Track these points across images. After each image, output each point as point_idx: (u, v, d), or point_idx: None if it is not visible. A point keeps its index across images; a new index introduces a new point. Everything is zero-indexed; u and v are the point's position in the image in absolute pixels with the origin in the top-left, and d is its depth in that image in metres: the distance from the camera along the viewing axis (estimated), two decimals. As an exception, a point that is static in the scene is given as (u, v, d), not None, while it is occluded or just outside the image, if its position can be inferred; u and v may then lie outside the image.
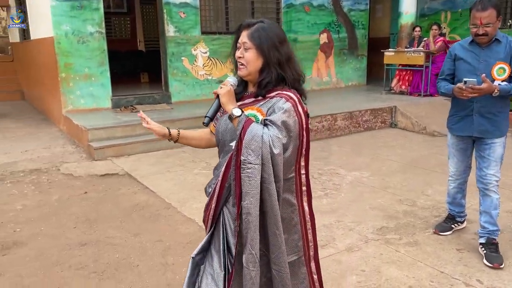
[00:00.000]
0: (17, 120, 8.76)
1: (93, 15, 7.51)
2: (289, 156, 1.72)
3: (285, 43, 1.79)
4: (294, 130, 1.71)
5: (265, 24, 1.78)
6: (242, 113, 1.71)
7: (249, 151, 1.65)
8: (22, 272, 3.19)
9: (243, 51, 1.77)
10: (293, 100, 1.74)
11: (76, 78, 7.52)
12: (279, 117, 1.68)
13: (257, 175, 1.65)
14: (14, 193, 4.78)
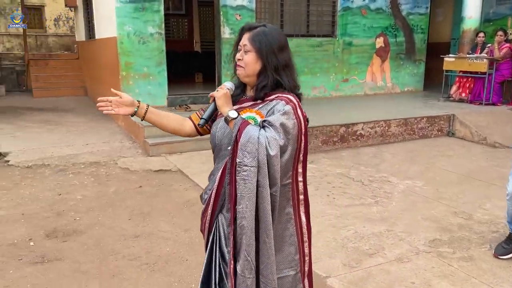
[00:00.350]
0: (80, 115, 9.28)
1: (154, 17, 7.82)
2: (287, 160, 1.68)
3: (285, 49, 1.78)
4: (292, 133, 1.67)
5: (267, 29, 1.77)
6: (238, 115, 1.69)
7: (245, 153, 1.62)
8: (81, 258, 3.39)
9: (243, 53, 1.77)
10: (293, 103, 1.72)
11: (135, 77, 7.86)
12: (277, 119, 1.66)
13: (253, 177, 1.61)
14: (75, 184, 5.08)
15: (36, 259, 3.36)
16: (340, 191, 4.88)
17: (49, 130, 7.71)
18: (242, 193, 1.63)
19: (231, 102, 1.79)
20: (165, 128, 1.98)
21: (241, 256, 1.65)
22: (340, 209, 4.36)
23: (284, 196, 1.74)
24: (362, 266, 3.26)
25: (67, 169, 5.61)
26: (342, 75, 10.06)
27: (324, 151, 6.58)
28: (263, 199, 1.63)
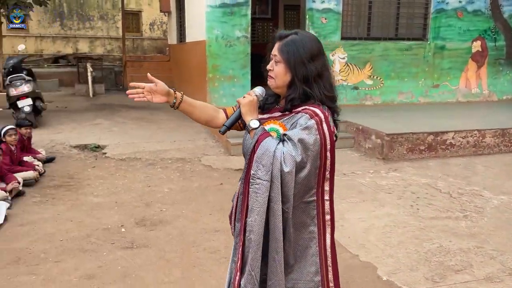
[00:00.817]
0: (169, 113, 9.83)
1: (241, 21, 8.05)
2: (306, 177, 1.59)
3: (317, 58, 1.67)
4: (312, 149, 1.58)
5: (298, 37, 1.68)
6: (260, 126, 1.66)
7: (260, 165, 1.59)
8: (165, 247, 3.60)
9: (273, 63, 1.71)
10: (318, 117, 1.62)
11: (221, 79, 8.15)
12: (296, 134, 1.59)
13: (265, 192, 1.57)
14: (163, 178, 5.41)
15: (127, 244, 3.64)
16: (425, 202, 4.64)
17: (142, 127, 8.29)
18: (252, 206, 1.60)
19: (256, 110, 1.74)
20: (197, 119, 1.95)
21: (246, 270, 1.63)
22: (424, 221, 4.14)
23: (307, 214, 1.67)
24: (447, 282, 3.08)
25: (156, 163, 5.99)
26: (432, 80, 9.54)
27: (409, 160, 6.29)
28: (274, 215, 1.59)
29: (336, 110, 1.74)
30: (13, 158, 5.02)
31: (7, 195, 4.39)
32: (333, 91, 1.73)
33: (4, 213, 4.01)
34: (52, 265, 3.26)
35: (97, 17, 16.45)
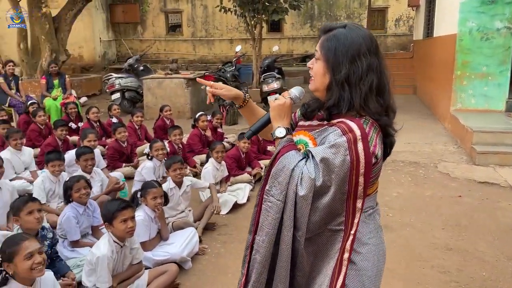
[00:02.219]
0: (406, 113, 9.36)
1: (504, 9, 6.89)
2: (330, 203, 1.35)
3: (362, 57, 1.37)
4: (338, 172, 1.32)
5: (344, 31, 1.40)
6: (286, 136, 1.43)
7: (275, 182, 1.39)
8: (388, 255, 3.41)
9: (314, 60, 1.45)
10: (353, 134, 1.33)
11: (471, 77, 7.21)
12: (320, 152, 1.34)
13: (276, 212, 1.38)
14: (392, 180, 5.16)
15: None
16: None
17: (375, 125, 8.16)
18: (262, 224, 1.43)
19: (288, 116, 1.49)
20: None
21: None
22: None
23: (332, 245, 1.42)
24: None
25: (386, 164, 5.73)
26: None
27: None
28: (282, 240, 1.40)
29: (388, 124, 1.43)
30: (259, 148, 5.69)
31: (251, 178, 5.00)
32: (383, 101, 1.41)
33: (247, 194, 4.58)
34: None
35: (344, 16, 17.00)
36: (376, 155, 1.39)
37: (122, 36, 16.16)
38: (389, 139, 1.48)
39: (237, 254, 3.41)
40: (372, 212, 1.50)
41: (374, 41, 1.44)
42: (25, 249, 2.09)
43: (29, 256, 2.09)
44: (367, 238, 1.46)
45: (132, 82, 9.44)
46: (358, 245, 1.44)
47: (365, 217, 1.46)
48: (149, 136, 6.49)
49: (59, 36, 10.97)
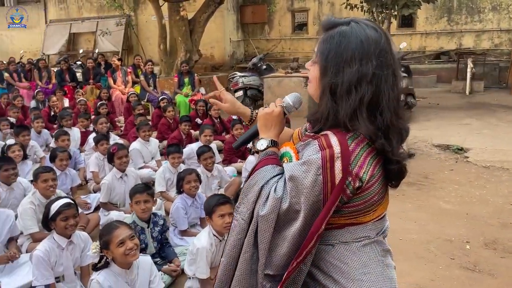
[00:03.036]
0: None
1: None
2: (300, 232, 1.12)
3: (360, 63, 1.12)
4: (308, 194, 1.10)
5: (348, 29, 1.17)
6: (267, 148, 1.27)
7: (245, 199, 1.22)
8: (516, 283, 2.93)
9: (311, 62, 1.25)
10: (331, 150, 1.10)
11: None
12: (290, 169, 1.14)
13: (239, 233, 1.20)
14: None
15: (468, 265, 3.20)
16: None
17: (518, 132, 7.12)
18: (226, 246, 1.25)
19: (277, 126, 1.31)
20: None
21: None
22: None
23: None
24: None
25: None
26: None
27: None
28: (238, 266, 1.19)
29: (386, 150, 1.13)
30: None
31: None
32: (381, 120, 1.14)
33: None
34: (386, 262, 3.28)
35: (489, 8, 15.20)
36: (361, 178, 1.13)
37: (250, 36, 16.83)
38: (393, 167, 1.19)
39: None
40: (368, 242, 1.23)
41: (381, 45, 1.18)
42: (117, 237, 2.27)
43: (121, 243, 2.27)
44: (359, 273, 1.20)
45: (254, 81, 9.77)
46: (347, 280, 1.19)
47: (357, 248, 1.21)
48: (246, 130, 6.64)
49: (193, 37, 11.86)
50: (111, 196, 3.94)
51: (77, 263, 2.74)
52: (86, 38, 16.32)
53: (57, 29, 16.19)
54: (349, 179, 1.13)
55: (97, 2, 15.89)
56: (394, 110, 1.18)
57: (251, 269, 1.20)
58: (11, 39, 18.13)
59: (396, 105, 1.19)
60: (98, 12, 16.22)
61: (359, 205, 1.19)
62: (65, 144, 4.91)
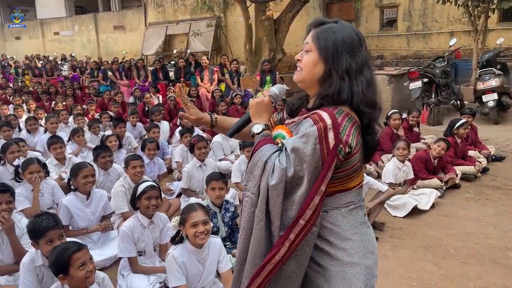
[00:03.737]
0: None
1: None
2: (305, 195, 1.33)
3: (358, 51, 1.40)
4: (309, 161, 1.31)
5: (338, 26, 1.42)
6: (262, 131, 1.46)
7: (251, 176, 1.40)
8: None
9: (303, 53, 1.45)
10: (324, 123, 1.32)
11: None
12: (291, 142, 1.34)
13: (251, 206, 1.39)
14: None
15: None
16: None
17: None
18: (241, 220, 1.45)
19: (267, 113, 1.52)
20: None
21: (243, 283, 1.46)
22: None
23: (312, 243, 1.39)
24: None
25: None
26: None
27: None
28: (253, 233, 1.38)
29: (372, 118, 1.40)
30: (457, 151, 5.12)
31: (442, 184, 4.57)
32: (373, 94, 1.42)
33: (432, 201, 4.22)
34: (456, 264, 3.17)
35: None
36: (350, 144, 1.36)
37: (337, 34, 16.69)
38: (371, 137, 1.43)
39: (405, 261, 3.24)
40: (354, 207, 1.46)
41: (362, 37, 1.46)
42: (192, 219, 2.50)
43: (194, 225, 2.50)
44: (350, 233, 1.42)
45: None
46: (340, 240, 1.41)
47: (346, 212, 1.43)
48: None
49: (278, 37, 12.09)
50: (190, 183, 4.28)
51: (156, 241, 3.06)
52: (180, 39, 17.41)
53: (155, 31, 17.46)
54: (340, 146, 1.34)
55: (190, 5, 16.84)
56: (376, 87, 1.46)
57: (265, 235, 1.38)
58: (115, 41, 19.96)
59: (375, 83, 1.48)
60: (191, 14, 17.20)
61: (347, 170, 1.41)
62: (155, 136, 5.40)
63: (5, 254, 2.89)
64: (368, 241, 1.47)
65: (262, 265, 1.38)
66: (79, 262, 2.12)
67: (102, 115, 6.81)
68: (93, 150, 4.48)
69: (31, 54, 18.72)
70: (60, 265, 2.13)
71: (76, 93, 10.24)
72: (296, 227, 1.34)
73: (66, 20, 21.63)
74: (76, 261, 2.12)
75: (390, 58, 15.00)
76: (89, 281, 2.18)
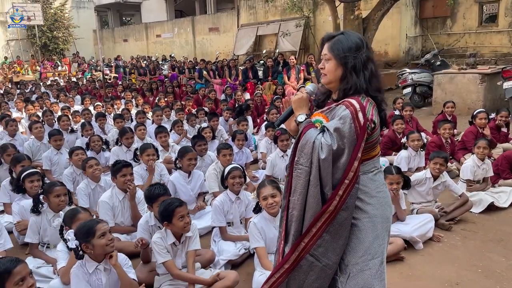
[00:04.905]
0: None
1: None
2: (346, 161, 1.82)
3: (360, 50, 1.89)
4: (348, 136, 1.80)
5: (344, 36, 1.93)
6: (306, 119, 1.93)
7: (302, 154, 1.87)
8: None
9: (325, 62, 1.94)
10: (353, 107, 1.82)
11: None
12: (333, 124, 1.83)
13: (305, 176, 1.87)
14: None
15: None
16: None
17: None
18: (295, 187, 1.91)
19: (306, 106, 1.98)
20: None
21: (289, 240, 1.96)
22: None
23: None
24: None
25: None
26: None
27: None
28: (309, 195, 1.86)
29: (383, 100, 1.92)
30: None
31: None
32: (377, 82, 1.90)
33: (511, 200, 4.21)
34: (526, 258, 3.24)
35: None
36: (374, 121, 1.85)
37: (429, 31, 16.06)
38: (383, 113, 1.94)
39: (473, 251, 3.39)
40: (377, 172, 1.97)
41: (365, 40, 1.93)
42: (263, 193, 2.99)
43: (265, 198, 2.96)
44: (375, 192, 1.93)
45: (425, 77, 9.54)
46: (368, 197, 1.91)
47: (372, 176, 1.94)
48: (420, 128, 6.63)
49: (366, 35, 12.08)
50: (273, 171, 4.76)
51: (242, 215, 3.58)
52: (270, 39, 18.08)
53: (246, 32, 18.34)
54: (368, 123, 1.84)
55: (281, 6, 17.40)
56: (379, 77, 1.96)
57: (320, 195, 1.87)
58: (210, 42, 21.27)
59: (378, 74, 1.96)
60: (281, 15, 17.76)
61: (372, 142, 1.91)
62: (244, 129, 5.99)
63: (125, 217, 3.62)
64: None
65: (319, 214, 1.85)
66: (179, 215, 2.74)
67: (199, 111, 7.60)
68: (191, 139, 5.18)
69: (136, 55, 20.73)
70: (166, 215, 2.75)
71: (175, 90, 11.34)
72: (343, 186, 1.82)
73: (167, 23, 23.51)
74: (178, 213, 2.73)
75: (489, 56, 14.17)
76: (186, 229, 2.81)
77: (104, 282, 2.55)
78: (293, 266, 1.95)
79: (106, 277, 2.56)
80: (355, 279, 1.91)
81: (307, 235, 1.91)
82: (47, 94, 11.40)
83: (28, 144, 5.93)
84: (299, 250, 1.94)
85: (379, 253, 1.93)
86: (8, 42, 23.89)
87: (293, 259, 1.95)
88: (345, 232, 1.90)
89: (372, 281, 1.90)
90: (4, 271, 2.08)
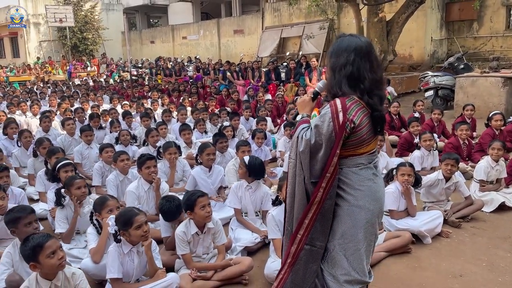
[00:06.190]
0: None
1: None
2: (323, 155, 2.04)
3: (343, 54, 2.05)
4: (325, 133, 2.01)
5: (337, 41, 2.12)
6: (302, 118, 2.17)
7: (291, 148, 2.15)
8: None
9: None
10: (335, 107, 2.01)
11: None
12: (314, 120, 2.06)
13: (293, 167, 2.12)
14: None
15: None
16: None
17: None
18: (289, 178, 2.17)
19: (309, 106, 2.21)
20: None
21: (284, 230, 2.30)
22: None
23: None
24: None
25: None
26: None
27: None
28: (297, 184, 2.12)
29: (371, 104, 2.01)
30: None
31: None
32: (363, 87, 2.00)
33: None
34: (533, 255, 3.33)
35: None
36: (354, 121, 1.99)
37: (455, 34, 15.91)
38: (376, 114, 2.02)
39: (480, 246, 3.50)
40: (363, 167, 2.10)
41: (365, 48, 2.02)
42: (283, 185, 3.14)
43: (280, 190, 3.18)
44: (358, 185, 2.09)
45: (447, 80, 9.54)
46: (350, 189, 2.09)
47: (357, 170, 2.09)
48: (447, 132, 6.71)
49: (390, 38, 12.16)
50: (290, 168, 4.96)
51: (258, 206, 3.79)
52: (293, 41, 18.24)
53: (270, 34, 18.56)
54: (347, 122, 2.00)
55: (305, 8, 17.55)
56: (373, 82, 2.04)
57: (303, 185, 2.11)
58: (234, 44, 21.60)
59: (375, 79, 2.03)
60: (305, 17, 17.90)
61: (355, 140, 2.06)
62: (263, 128, 6.21)
63: (150, 206, 3.89)
64: (373, 192, 2.12)
65: (308, 206, 2.09)
66: (201, 204, 2.97)
67: (221, 111, 7.86)
68: (213, 137, 5.43)
69: (162, 56, 21.24)
70: (189, 204, 2.99)
71: (199, 91, 11.67)
72: (325, 179, 2.04)
73: (193, 25, 24.00)
74: (200, 203, 2.97)
75: (516, 59, 13.94)
76: (208, 219, 3.03)
77: (136, 264, 2.82)
78: (295, 259, 2.18)
79: (138, 259, 2.83)
80: (332, 254, 2.15)
81: (301, 227, 2.13)
82: (77, 93, 11.92)
83: (60, 139, 6.32)
84: (296, 242, 2.17)
85: (356, 241, 2.10)
86: (40, 43, 24.89)
87: (293, 252, 2.17)
88: (330, 215, 2.13)
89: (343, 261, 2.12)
90: (37, 245, 2.32)
